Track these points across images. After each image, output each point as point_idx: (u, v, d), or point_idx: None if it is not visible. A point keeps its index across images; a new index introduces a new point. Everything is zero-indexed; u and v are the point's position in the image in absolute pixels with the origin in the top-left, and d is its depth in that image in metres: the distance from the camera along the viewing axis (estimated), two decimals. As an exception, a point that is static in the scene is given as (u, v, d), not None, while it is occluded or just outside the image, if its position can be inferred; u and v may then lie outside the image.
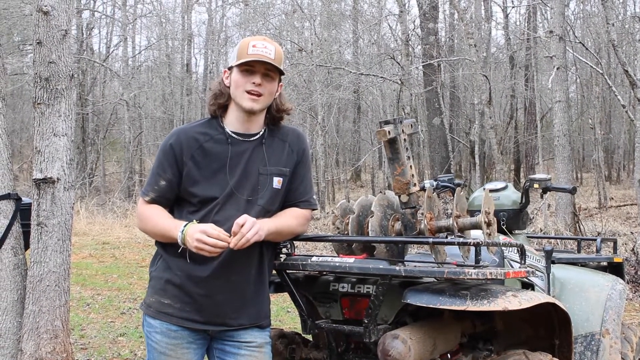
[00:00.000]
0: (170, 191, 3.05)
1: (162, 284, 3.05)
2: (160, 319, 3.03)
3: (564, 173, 13.88)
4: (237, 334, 3.07)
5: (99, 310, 8.88)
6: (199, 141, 3.04)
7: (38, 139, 4.22)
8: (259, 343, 3.12)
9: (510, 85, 27.42)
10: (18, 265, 4.29)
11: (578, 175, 29.85)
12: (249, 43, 3.01)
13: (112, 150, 34.16)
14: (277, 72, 3.06)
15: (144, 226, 3.11)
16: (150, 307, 3.07)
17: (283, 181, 3.11)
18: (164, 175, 3.03)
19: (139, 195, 3.23)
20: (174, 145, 3.03)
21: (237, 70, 3.02)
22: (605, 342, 3.99)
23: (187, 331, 3.02)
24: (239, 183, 3.02)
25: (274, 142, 3.14)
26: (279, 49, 3.05)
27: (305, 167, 3.23)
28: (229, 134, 3.07)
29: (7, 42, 21.25)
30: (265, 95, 3.03)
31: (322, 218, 18.70)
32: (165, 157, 3.05)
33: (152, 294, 3.08)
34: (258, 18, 25.48)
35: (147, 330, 3.09)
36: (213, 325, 3.04)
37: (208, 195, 3.00)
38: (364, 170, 35.01)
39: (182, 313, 3.01)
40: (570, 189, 4.71)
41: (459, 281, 3.06)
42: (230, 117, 3.10)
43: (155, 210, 3.05)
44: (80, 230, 17.30)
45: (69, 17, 4.32)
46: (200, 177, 3.02)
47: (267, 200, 3.06)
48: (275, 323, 7.72)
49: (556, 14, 14.20)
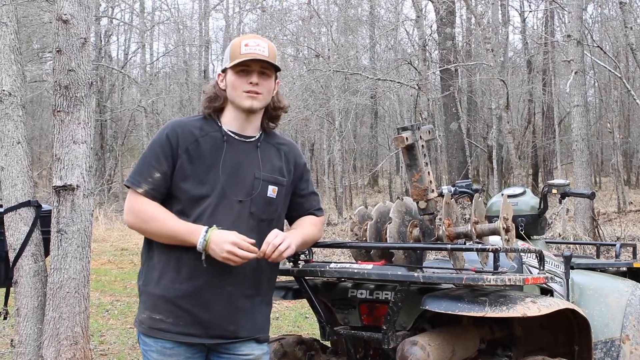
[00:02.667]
0: (163, 185, 2.90)
1: (153, 299, 2.93)
2: (154, 335, 2.90)
3: (582, 177, 13.80)
4: (233, 347, 2.96)
5: (118, 316, 8.92)
6: (195, 135, 2.94)
7: (58, 146, 4.25)
8: (257, 355, 3.01)
9: (528, 89, 27.31)
10: (38, 272, 4.33)
11: (597, 180, 29.67)
12: (240, 42, 2.94)
13: (130, 156, 34.27)
14: (272, 69, 2.98)
15: (141, 226, 2.93)
16: (142, 323, 2.94)
17: (278, 191, 3.03)
18: (159, 167, 2.89)
19: (126, 183, 2.98)
20: (170, 135, 2.92)
21: (232, 71, 2.94)
22: (626, 348, 3.96)
23: (183, 347, 2.89)
24: (230, 183, 2.91)
25: (269, 147, 3.08)
26: (271, 45, 2.98)
27: (309, 178, 3.23)
28: (226, 132, 2.99)
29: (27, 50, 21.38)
30: (264, 93, 2.96)
31: (340, 224, 18.69)
32: (161, 148, 2.91)
33: (143, 310, 2.96)
34: (275, 24, 25.55)
35: (144, 349, 2.96)
36: (209, 338, 2.91)
37: (198, 193, 2.88)
38: (381, 175, 34.99)
39: (175, 327, 2.87)
40: (589, 194, 4.69)
41: (477, 287, 3.05)
42: (227, 117, 3.02)
43: (158, 210, 2.88)
44: (99, 236, 17.36)
45: (88, 25, 4.35)
46: (192, 172, 2.90)
47: (261, 208, 2.97)
48: (293, 329, 7.74)
49: (574, 18, 14.13)
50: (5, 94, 4.34)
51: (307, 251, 3.27)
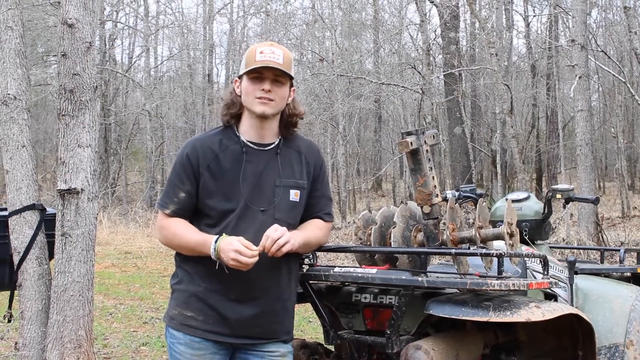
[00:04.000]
0: (190, 203, 3.03)
1: (185, 296, 3.05)
2: (183, 331, 3.03)
3: (586, 182, 13.78)
4: (260, 345, 3.07)
5: (122, 319, 8.92)
6: (214, 151, 3.03)
7: (62, 150, 4.27)
8: (282, 352, 3.13)
9: (532, 94, 27.26)
10: (42, 275, 4.34)
11: (601, 185, 29.60)
12: (256, 50, 3.00)
13: (134, 160, 34.30)
14: (287, 77, 3.04)
15: (169, 242, 3.09)
16: (173, 319, 3.07)
17: (301, 194, 3.10)
18: (183, 187, 3.02)
19: (156, 206, 3.22)
20: (190, 155, 3.02)
21: (247, 78, 3.01)
22: (630, 354, 3.96)
23: (210, 342, 3.02)
24: (252, 195, 3.00)
25: (289, 152, 3.13)
26: (287, 53, 3.04)
27: (325, 180, 3.24)
28: (244, 142, 3.06)
29: (31, 53, 21.43)
30: (276, 100, 3.01)
31: (344, 228, 18.68)
32: (182, 169, 3.03)
33: (175, 307, 3.09)
34: (279, 28, 25.57)
35: (170, 341, 3.09)
36: (236, 338, 3.04)
37: (224, 208, 2.99)
38: (385, 179, 34.95)
39: (205, 325, 3.01)
40: (593, 199, 4.69)
41: (481, 292, 3.05)
42: (245, 126, 3.09)
43: (180, 225, 3.02)
44: (102, 239, 17.37)
45: (93, 30, 4.37)
46: (216, 188, 3.00)
47: (285, 213, 3.05)
48: (297, 333, 7.72)
49: (578, 23, 14.13)
50: (11, 98, 4.36)
51: (311, 255, 3.26)
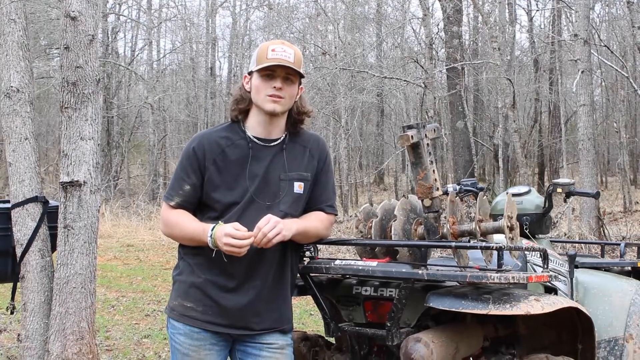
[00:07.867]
0: (194, 195, 3.06)
1: (185, 287, 3.08)
2: (183, 322, 3.06)
3: (588, 177, 13.77)
4: (259, 336, 3.10)
5: (124, 312, 8.95)
6: (221, 146, 3.06)
7: (65, 142, 4.28)
8: (281, 345, 3.15)
9: (535, 88, 27.24)
10: (45, 268, 4.36)
11: (603, 179, 29.58)
12: (268, 47, 3.02)
13: (137, 153, 34.34)
14: (297, 76, 3.06)
15: (170, 232, 3.12)
16: (173, 310, 3.10)
17: (304, 186, 3.13)
18: (188, 180, 3.05)
19: (162, 199, 3.24)
20: (197, 149, 3.06)
21: (258, 75, 3.03)
22: (629, 347, 3.97)
23: (209, 333, 3.05)
24: (258, 189, 3.04)
25: (295, 147, 3.16)
26: (298, 52, 3.06)
27: (329, 173, 3.25)
28: (251, 138, 3.09)
29: (34, 46, 21.42)
30: (286, 98, 3.04)
31: (345, 221, 18.69)
32: (188, 162, 3.07)
33: (175, 297, 3.12)
34: (282, 21, 25.59)
35: (171, 332, 3.12)
36: (235, 329, 3.07)
37: (229, 200, 3.02)
38: (387, 173, 34.96)
39: (204, 316, 3.04)
40: (594, 193, 4.70)
41: (481, 285, 3.05)
42: (252, 121, 3.11)
43: (180, 215, 3.06)
44: (105, 232, 17.40)
45: (95, 22, 4.38)
46: (221, 182, 3.03)
47: (289, 206, 3.08)
48: (298, 326, 7.75)
49: (581, 17, 14.10)
50: (13, 90, 4.37)
51: (312, 248, 3.28)
